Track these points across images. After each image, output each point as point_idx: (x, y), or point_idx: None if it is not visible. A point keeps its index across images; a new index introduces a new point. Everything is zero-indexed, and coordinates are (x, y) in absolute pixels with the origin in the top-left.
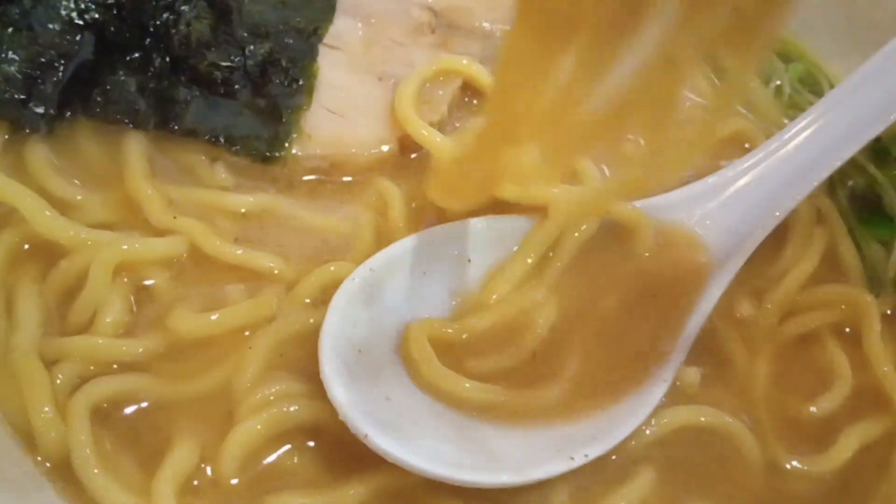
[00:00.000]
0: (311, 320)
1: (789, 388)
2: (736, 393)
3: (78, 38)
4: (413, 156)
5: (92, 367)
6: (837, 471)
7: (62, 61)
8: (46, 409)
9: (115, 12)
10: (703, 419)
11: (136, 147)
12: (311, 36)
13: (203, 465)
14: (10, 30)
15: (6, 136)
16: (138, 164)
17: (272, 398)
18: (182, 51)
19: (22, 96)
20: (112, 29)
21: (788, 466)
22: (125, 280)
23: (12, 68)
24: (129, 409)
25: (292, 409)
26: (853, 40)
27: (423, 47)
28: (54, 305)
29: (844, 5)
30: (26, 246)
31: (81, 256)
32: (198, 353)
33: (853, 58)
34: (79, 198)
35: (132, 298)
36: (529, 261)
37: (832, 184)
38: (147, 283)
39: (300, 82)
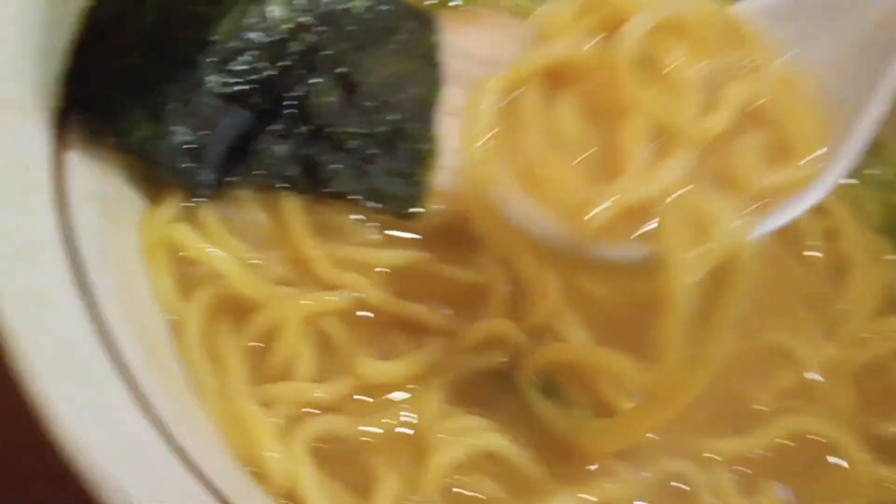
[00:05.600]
0: (473, 366)
1: (865, 409)
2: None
3: (226, 109)
4: None
5: (296, 410)
6: None
7: (218, 131)
8: (273, 447)
9: (256, 86)
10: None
11: (293, 209)
12: (426, 106)
13: (408, 493)
14: (174, 104)
15: (184, 204)
16: (300, 224)
17: (458, 432)
18: (319, 120)
19: (192, 164)
20: (257, 100)
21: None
22: (309, 331)
23: (182, 140)
24: (333, 445)
25: (475, 441)
26: None
27: None
28: (247, 355)
29: None
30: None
31: (273, 310)
32: (379, 394)
33: None
34: (253, 257)
35: (317, 348)
36: None
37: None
38: (327, 333)
39: (425, 146)
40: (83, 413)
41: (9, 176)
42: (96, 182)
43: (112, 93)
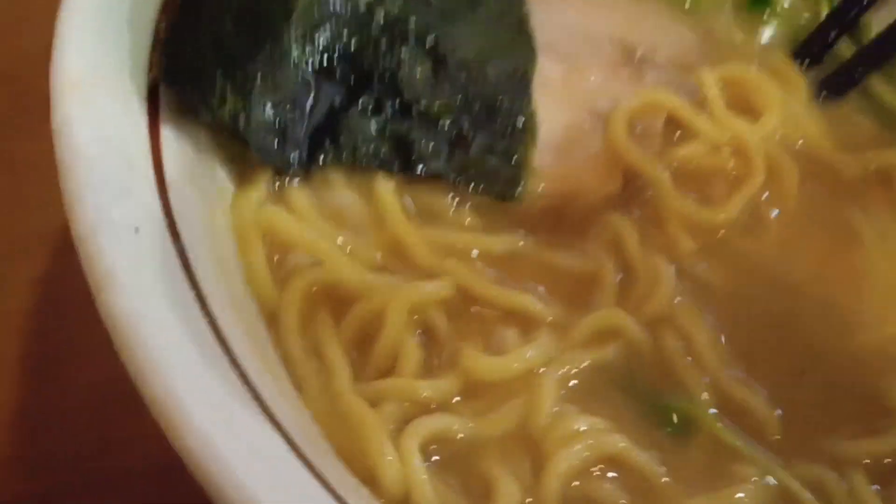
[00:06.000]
0: (587, 362)
1: None
2: None
3: (312, 83)
4: (637, 190)
5: (405, 409)
6: None
7: (304, 106)
8: (387, 450)
9: (341, 58)
10: None
11: (387, 191)
12: (521, 78)
13: (526, 499)
14: (260, 78)
15: (275, 184)
16: (396, 207)
17: (576, 434)
18: (409, 95)
19: (280, 141)
20: (343, 74)
21: None
22: (414, 322)
23: (267, 115)
24: (444, 447)
25: (595, 444)
26: None
27: (623, 82)
28: (348, 349)
29: None
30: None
31: (375, 300)
32: (489, 392)
33: None
34: (347, 243)
35: (421, 340)
36: None
37: None
38: (430, 324)
39: (522, 122)
40: (210, 414)
41: (110, 157)
42: (189, 161)
43: (203, 65)
